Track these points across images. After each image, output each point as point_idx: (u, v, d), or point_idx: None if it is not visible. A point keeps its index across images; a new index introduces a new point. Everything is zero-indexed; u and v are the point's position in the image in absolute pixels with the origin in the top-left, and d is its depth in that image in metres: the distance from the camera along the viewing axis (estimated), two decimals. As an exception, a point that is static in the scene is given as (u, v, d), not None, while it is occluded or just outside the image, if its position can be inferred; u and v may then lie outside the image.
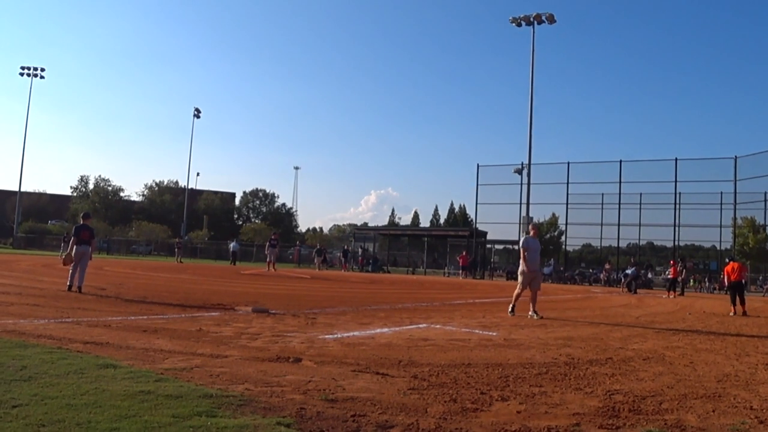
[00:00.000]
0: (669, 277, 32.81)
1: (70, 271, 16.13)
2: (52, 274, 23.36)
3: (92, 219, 18.52)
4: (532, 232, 15.90)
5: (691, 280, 41.80)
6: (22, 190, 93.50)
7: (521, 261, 15.26)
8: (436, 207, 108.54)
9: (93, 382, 5.60)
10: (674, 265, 31.84)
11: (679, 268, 31.73)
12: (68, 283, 15.97)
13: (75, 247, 16.43)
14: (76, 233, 16.65)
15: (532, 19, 51.07)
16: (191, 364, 6.78)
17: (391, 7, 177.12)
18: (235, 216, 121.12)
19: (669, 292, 30.83)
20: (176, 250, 53.89)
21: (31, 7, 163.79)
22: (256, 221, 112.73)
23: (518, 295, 15.30)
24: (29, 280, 19.57)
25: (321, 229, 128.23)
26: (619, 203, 48.08)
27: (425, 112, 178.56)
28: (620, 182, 47.87)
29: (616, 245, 49.74)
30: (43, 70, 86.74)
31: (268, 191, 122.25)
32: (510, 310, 15.07)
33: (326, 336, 9.75)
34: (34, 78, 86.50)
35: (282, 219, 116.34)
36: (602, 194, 49.50)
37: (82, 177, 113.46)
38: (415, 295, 22.58)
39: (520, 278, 15.36)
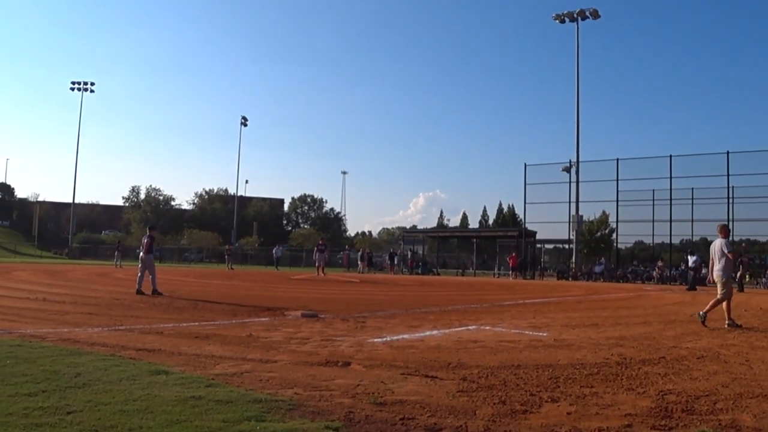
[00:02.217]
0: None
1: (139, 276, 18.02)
2: (106, 283, 23.83)
3: (156, 230, 20.73)
4: (722, 234, 13.59)
5: (747, 276, 40.87)
6: (76, 201, 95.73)
7: (726, 265, 13.29)
8: (485, 208, 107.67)
9: (145, 388, 5.69)
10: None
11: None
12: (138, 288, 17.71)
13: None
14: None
15: (575, 15, 50.71)
16: (241, 370, 6.85)
17: (435, 8, 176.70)
18: (284, 222, 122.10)
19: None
20: (226, 257, 54.49)
21: (78, 23, 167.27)
22: (305, 227, 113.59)
23: (729, 302, 13.37)
24: (84, 290, 19.94)
25: (370, 232, 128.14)
26: (671, 199, 47.19)
27: (471, 112, 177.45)
28: (671, 177, 46.98)
29: (668, 242, 48.92)
30: (92, 84, 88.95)
31: (316, 196, 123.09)
32: (730, 323, 13.05)
33: (375, 339, 9.76)
34: (84, 92, 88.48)
35: (330, 224, 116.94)
36: (653, 190, 48.68)
37: (133, 187, 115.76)
38: (464, 297, 22.49)
39: (724, 283, 13.26)
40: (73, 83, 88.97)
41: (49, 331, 9.61)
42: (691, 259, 32.70)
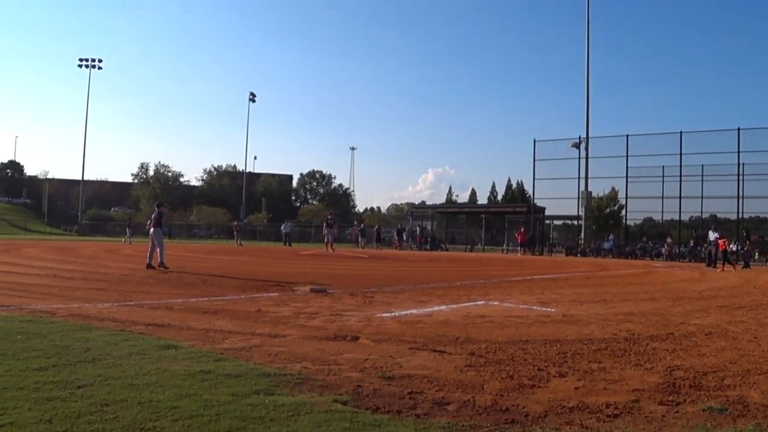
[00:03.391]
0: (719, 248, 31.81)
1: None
2: (115, 260, 23.92)
3: (165, 207, 21.01)
4: None
5: (756, 254, 40.67)
6: (85, 178, 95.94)
7: None
8: (494, 184, 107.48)
9: (155, 362, 5.73)
10: (722, 237, 31.01)
11: (730, 241, 30.80)
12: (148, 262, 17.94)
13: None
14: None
15: (587, -12, 50.29)
16: (250, 344, 6.89)
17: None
18: (293, 198, 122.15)
19: (720, 264, 30.09)
20: (235, 233, 54.58)
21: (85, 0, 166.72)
22: (314, 202, 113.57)
23: None
24: (93, 266, 20.01)
25: (378, 208, 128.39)
26: (680, 175, 46.96)
27: (481, 88, 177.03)
28: (681, 154, 46.71)
29: (677, 218, 48.76)
30: (100, 61, 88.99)
31: (324, 172, 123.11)
32: None
33: (384, 314, 9.79)
34: (92, 69, 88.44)
35: (339, 199, 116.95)
36: (663, 167, 48.40)
37: (142, 164, 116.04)
38: (473, 273, 22.50)
39: None
40: (81, 60, 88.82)
41: (60, 306, 9.67)
42: (713, 235, 32.18)
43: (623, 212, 52.01)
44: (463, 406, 4.74)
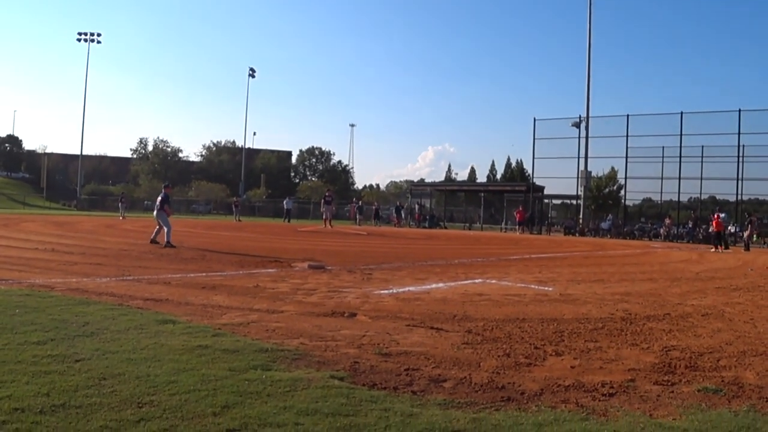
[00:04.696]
0: (713, 230, 31.86)
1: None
2: (114, 234, 23.93)
3: (170, 188, 20.64)
4: None
5: (755, 236, 40.69)
6: (84, 153, 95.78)
7: None
8: (493, 162, 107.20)
9: (152, 337, 5.75)
10: (717, 218, 31.06)
11: (724, 221, 30.81)
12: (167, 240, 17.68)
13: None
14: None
15: (588, -33, 49.95)
16: (248, 320, 6.92)
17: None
18: (292, 174, 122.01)
19: (716, 246, 30.17)
20: (234, 208, 54.53)
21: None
22: (313, 179, 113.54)
23: None
24: (92, 241, 20.04)
25: (378, 185, 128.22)
26: (680, 156, 46.77)
27: (481, 65, 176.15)
28: (681, 135, 46.48)
29: (676, 199, 48.72)
30: (99, 35, 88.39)
31: (324, 149, 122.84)
32: None
33: (381, 291, 9.82)
34: (91, 43, 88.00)
35: (338, 176, 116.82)
36: (662, 147, 48.15)
37: (141, 139, 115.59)
38: (471, 251, 22.54)
39: None
40: (80, 34, 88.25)
41: (58, 281, 9.69)
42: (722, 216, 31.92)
43: (622, 192, 51.92)
44: (460, 383, 4.76)
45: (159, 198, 19.01)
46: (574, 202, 53.90)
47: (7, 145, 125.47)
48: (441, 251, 21.88)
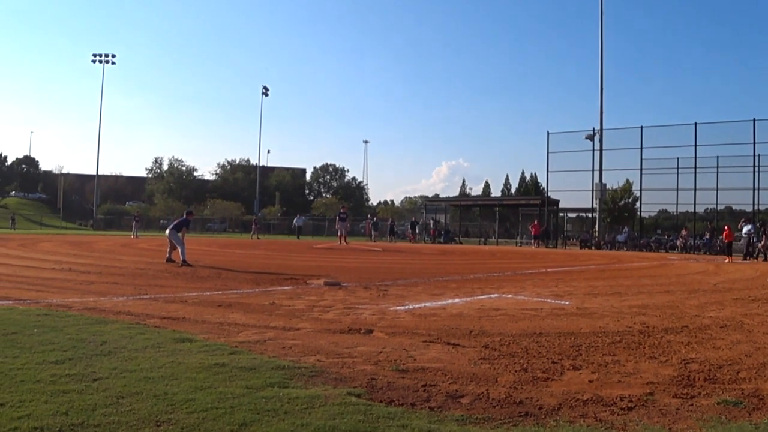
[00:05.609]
0: (724, 241, 31.96)
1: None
2: (130, 254, 24.02)
3: (192, 215, 20.74)
4: None
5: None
6: (100, 173, 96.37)
7: None
8: (507, 176, 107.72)
9: (169, 355, 5.76)
10: (728, 228, 31.16)
11: (745, 231, 30.86)
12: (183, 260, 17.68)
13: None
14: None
15: (599, -20, 50.06)
16: (264, 337, 6.92)
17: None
18: (307, 191, 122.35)
19: (727, 257, 30.15)
20: (253, 226, 54.77)
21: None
22: (327, 196, 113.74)
23: None
24: (108, 260, 20.13)
25: (392, 201, 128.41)
26: (695, 167, 46.68)
27: (494, 80, 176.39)
28: (695, 145, 46.41)
29: (692, 210, 48.52)
30: (114, 56, 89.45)
31: (338, 166, 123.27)
32: None
33: (397, 307, 9.80)
34: (105, 64, 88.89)
35: (353, 193, 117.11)
36: (677, 158, 48.04)
37: (156, 158, 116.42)
38: (486, 266, 22.47)
39: None
40: (95, 55, 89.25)
41: (75, 300, 9.73)
42: (746, 228, 31.80)
43: (638, 204, 51.76)
44: (477, 398, 4.74)
45: (177, 220, 19.07)
46: (590, 215, 53.87)
47: (23, 166, 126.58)
48: (456, 266, 21.83)
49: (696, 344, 7.21)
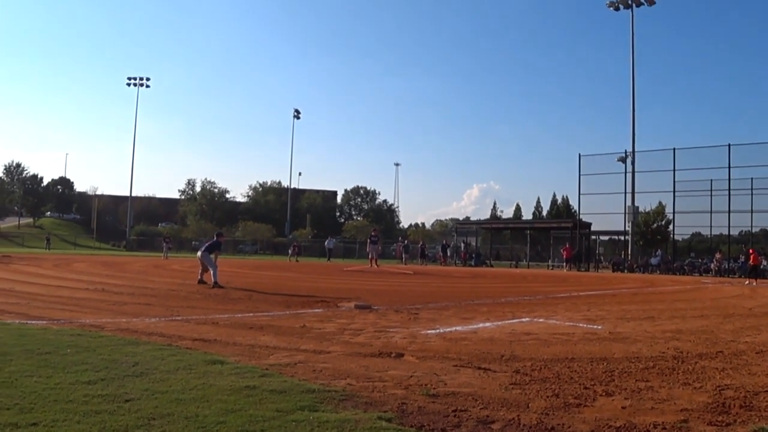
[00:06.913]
0: (750, 264, 31.75)
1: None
2: (162, 275, 24.22)
3: (223, 237, 21.16)
4: None
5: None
6: (133, 194, 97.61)
7: None
8: (539, 199, 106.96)
9: (201, 377, 5.79)
10: (753, 251, 30.95)
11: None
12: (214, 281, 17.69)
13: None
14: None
15: (630, 2, 50.04)
16: (295, 360, 6.92)
17: (486, 0, 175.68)
18: (338, 214, 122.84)
19: (751, 279, 29.89)
20: (292, 249, 55.21)
21: (134, 20, 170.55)
22: (358, 218, 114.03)
23: None
24: (141, 281, 20.30)
25: (423, 224, 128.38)
26: (729, 189, 46.05)
27: (525, 103, 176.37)
28: (729, 167, 45.83)
29: (727, 233, 47.88)
30: (148, 79, 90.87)
31: (369, 188, 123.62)
32: None
33: (428, 331, 9.76)
34: (140, 87, 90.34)
35: (384, 215, 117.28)
36: (711, 180, 47.48)
37: (189, 180, 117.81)
38: (517, 289, 22.35)
39: None
40: (129, 79, 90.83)
41: (108, 321, 9.83)
42: None
43: (671, 227, 51.29)
44: (508, 424, 4.70)
45: (209, 242, 19.30)
46: (622, 238, 53.33)
47: (59, 187, 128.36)
48: (487, 290, 21.73)
49: (731, 370, 7.10)
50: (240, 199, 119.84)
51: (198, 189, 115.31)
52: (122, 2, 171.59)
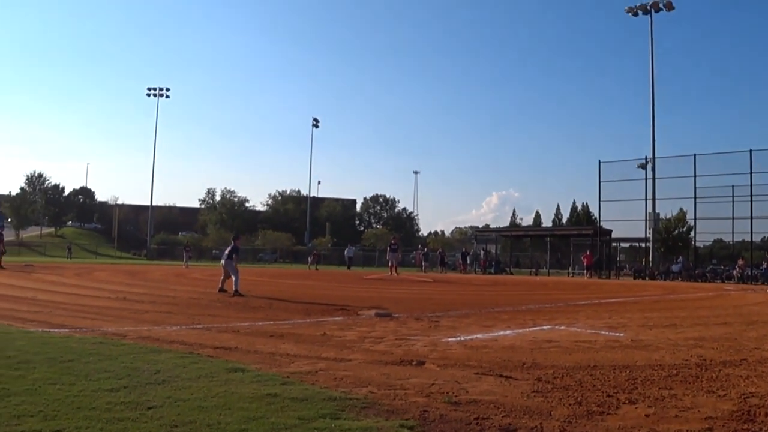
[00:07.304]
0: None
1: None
2: (183, 283, 24.33)
3: (239, 240, 21.09)
4: None
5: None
6: (154, 204, 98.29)
7: None
8: (558, 206, 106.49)
9: (222, 385, 5.80)
10: None
11: None
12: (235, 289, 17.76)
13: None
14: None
15: (649, 8, 49.94)
16: (316, 368, 6.92)
17: (503, 6, 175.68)
18: (357, 222, 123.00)
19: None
20: (311, 258, 55.42)
21: (153, 31, 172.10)
22: (378, 226, 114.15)
23: None
24: (162, 289, 20.40)
25: (442, 232, 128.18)
26: (751, 195, 45.56)
27: (544, 110, 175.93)
28: (751, 173, 45.34)
29: (749, 239, 47.42)
30: (168, 90, 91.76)
31: (388, 196, 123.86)
32: None
33: (449, 339, 9.74)
34: (160, 98, 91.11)
35: (403, 223, 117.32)
36: (732, 186, 46.99)
37: (209, 189, 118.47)
38: (538, 296, 22.25)
39: None
40: (150, 89, 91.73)
41: (130, 329, 9.88)
42: None
43: (692, 233, 50.87)
44: (531, 432, 4.68)
45: (228, 248, 19.39)
46: (643, 244, 53.00)
47: (80, 196, 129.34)
48: (508, 297, 21.66)
49: (756, 378, 7.02)
50: (259, 207, 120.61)
51: (218, 198, 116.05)
52: (143, 14, 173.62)
